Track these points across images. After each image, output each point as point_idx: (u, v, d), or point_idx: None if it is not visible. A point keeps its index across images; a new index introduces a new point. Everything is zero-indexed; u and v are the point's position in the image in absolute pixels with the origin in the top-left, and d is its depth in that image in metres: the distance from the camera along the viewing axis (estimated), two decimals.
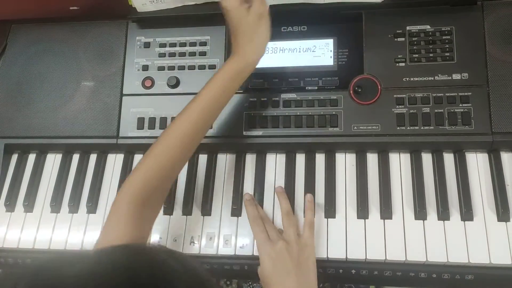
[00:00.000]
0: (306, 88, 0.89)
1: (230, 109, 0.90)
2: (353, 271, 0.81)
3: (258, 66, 0.91)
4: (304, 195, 0.85)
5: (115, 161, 0.95)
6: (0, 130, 0.96)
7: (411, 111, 0.85)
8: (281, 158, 0.90)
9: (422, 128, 0.84)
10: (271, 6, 0.89)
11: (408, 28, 0.88)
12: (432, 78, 0.86)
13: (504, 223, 0.80)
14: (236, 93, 0.90)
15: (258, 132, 0.88)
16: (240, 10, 0.75)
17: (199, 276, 0.43)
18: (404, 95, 0.86)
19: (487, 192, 0.82)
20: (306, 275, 0.74)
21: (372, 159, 0.87)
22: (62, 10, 0.99)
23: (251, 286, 1.13)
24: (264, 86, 0.90)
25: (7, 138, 0.95)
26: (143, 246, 0.45)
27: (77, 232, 0.89)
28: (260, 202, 0.86)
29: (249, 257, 0.83)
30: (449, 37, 0.87)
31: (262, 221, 0.80)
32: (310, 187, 0.86)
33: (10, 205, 0.93)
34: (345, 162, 0.88)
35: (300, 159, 0.89)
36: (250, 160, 0.90)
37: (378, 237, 0.81)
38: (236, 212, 0.86)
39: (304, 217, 0.83)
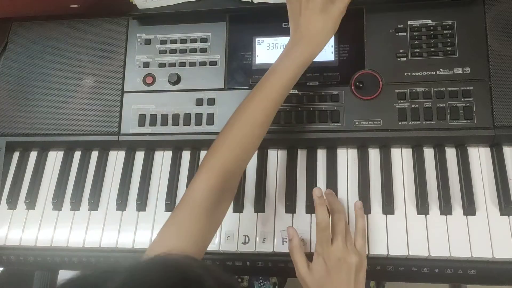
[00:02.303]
0: (307, 83, 0.89)
1: (231, 105, 0.90)
2: None
3: (258, 62, 0.91)
4: (306, 192, 0.85)
5: (116, 158, 0.95)
6: (2, 128, 0.96)
7: (413, 106, 0.85)
8: (282, 154, 0.90)
9: (424, 122, 0.84)
10: (272, 5, 0.89)
11: (409, 22, 0.88)
12: (434, 73, 0.85)
13: (507, 217, 0.79)
14: (238, 89, 0.90)
15: None
16: None
17: None
18: (406, 90, 0.85)
19: (490, 186, 0.82)
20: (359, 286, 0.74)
21: (374, 154, 0.87)
22: (62, 8, 0.99)
23: (261, 283, 1.13)
24: None
25: (8, 136, 0.95)
26: (179, 259, 0.44)
27: (79, 230, 0.89)
28: (262, 198, 0.86)
29: (251, 253, 0.83)
30: (450, 31, 0.86)
31: (329, 229, 0.75)
32: (311, 183, 0.86)
33: (12, 202, 0.93)
34: (347, 157, 0.88)
35: (302, 155, 0.89)
36: None
37: (380, 232, 0.81)
38: (237, 208, 0.86)
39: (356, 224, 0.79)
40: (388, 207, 0.82)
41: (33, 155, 0.97)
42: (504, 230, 0.78)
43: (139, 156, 0.94)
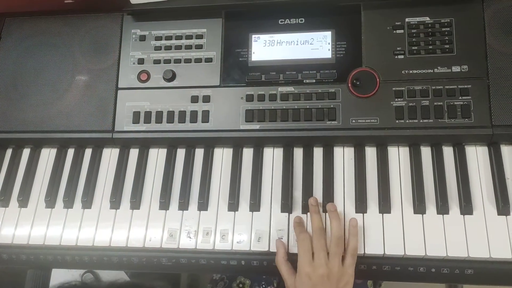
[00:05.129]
0: (304, 81, 0.88)
1: (227, 102, 0.89)
2: None
3: (254, 59, 0.90)
4: (302, 191, 0.85)
5: (110, 156, 0.94)
6: None
7: (410, 104, 0.84)
8: (278, 152, 0.89)
9: (421, 121, 0.83)
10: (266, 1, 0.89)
11: (407, 20, 0.87)
12: (432, 71, 0.85)
13: (504, 217, 0.79)
14: (233, 86, 0.90)
15: (256, 126, 0.87)
16: None
17: None
18: (403, 88, 0.85)
19: (487, 185, 0.81)
20: None
21: (370, 152, 0.86)
22: (56, 3, 0.98)
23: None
24: (261, 79, 0.89)
25: (1, 133, 0.94)
26: None
27: (72, 228, 0.88)
28: (258, 196, 0.85)
29: (246, 253, 0.83)
30: (448, 29, 0.86)
31: (309, 240, 0.76)
32: (308, 181, 0.85)
33: (4, 200, 0.92)
34: (344, 155, 0.87)
35: (298, 152, 0.88)
36: (247, 154, 0.89)
37: (376, 231, 0.80)
38: (233, 207, 0.85)
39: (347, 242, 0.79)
40: (385, 206, 0.81)
41: (26, 152, 0.96)
42: (501, 229, 0.78)
43: (133, 153, 0.93)
